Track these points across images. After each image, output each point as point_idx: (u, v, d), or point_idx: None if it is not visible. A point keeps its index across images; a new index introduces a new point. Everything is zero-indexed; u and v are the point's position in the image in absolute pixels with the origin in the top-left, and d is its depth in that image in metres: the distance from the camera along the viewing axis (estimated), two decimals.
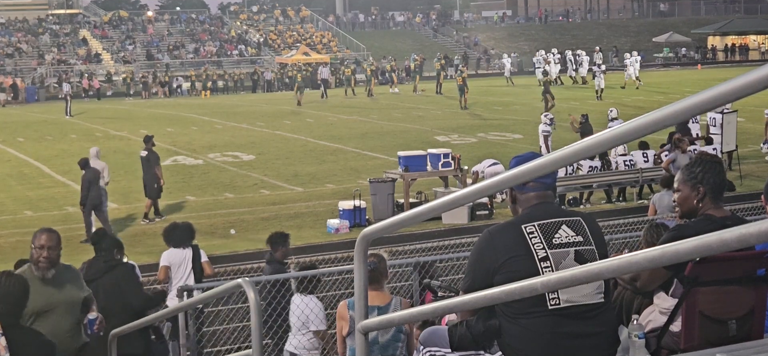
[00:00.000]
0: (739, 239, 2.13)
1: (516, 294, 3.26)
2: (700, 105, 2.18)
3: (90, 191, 17.45)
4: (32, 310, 6.40)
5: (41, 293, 6.61)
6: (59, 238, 6.83)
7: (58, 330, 6.60)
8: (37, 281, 6.58)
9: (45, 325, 6.48)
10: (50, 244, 6.75)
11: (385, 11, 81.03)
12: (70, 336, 6.82)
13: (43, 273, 6.69)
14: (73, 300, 6.87)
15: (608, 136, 2.50)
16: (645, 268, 3.79)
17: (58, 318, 6.74)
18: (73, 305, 6.89)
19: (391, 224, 4.00)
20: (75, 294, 6.92)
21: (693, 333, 3.95)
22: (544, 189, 4.12)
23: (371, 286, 6.46)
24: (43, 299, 6.63)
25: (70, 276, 7.01)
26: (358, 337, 4.11)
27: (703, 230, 2.40)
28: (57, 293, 6.77)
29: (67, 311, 6.81)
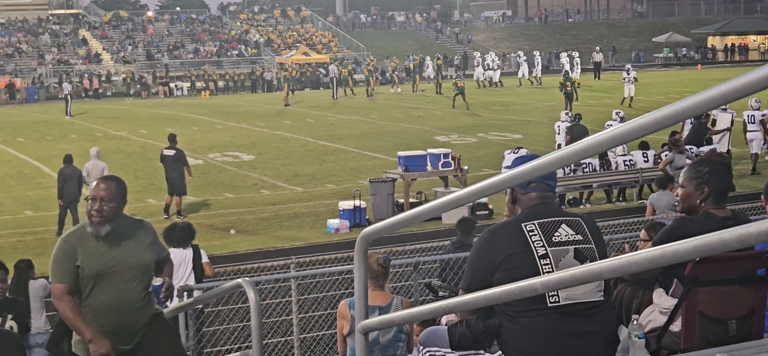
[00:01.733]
0: (740, 239, 2.13)
1: (516, 294, 3.27)
2: (700, 105, 2.18)
3: (65, 188, 17.86)
4: (88, 274, 5.50)
5: (96, 254, 5.55)
6: (120, 187, 5.66)
7: (121, 300, 5.60)
8: (90, 239, 5.56)
9: (104, 293, 5.57)
10: (104, 195, 5.55)
11: (385, 11, 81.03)
12: (138, 306, 5.70)
13: (97, 229, 5.54)
14: (138, 262, 5.67)
15: (608, 136, 2.50)
16: (646, 267, 3.79)
17: (120, 284, 5.61)
18: (140, 268, 5.70)
19: (391, 224, 4.00)
20: (141, 256, 5.71)
21: (693, 333, 3.95)
22: (546, 190, 4.14)
23: (373, 286, 6.48)
24: (97, 261, 5.55)
25: (137, 234, 5.78)
26: (358, 337, 4.11)
27: (704, 228, 2.41)
28: (116, 254, 5.61)
29: (132, 276, 5.65)
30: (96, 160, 18.25)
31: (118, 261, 5.60)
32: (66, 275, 5.51)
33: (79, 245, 5.56)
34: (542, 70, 54.71)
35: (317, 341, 11.55)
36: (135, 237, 5.73)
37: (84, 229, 5.63)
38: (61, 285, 5.52)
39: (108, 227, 5.56)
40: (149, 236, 5.84)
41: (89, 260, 5.51)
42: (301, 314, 11.48)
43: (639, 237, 6.27)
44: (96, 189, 5.57)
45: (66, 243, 5.58)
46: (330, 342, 11.21)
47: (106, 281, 5.57)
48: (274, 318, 11.39)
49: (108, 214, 5.56)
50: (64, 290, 5.51)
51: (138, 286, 5.68)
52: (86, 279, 5.53)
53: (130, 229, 5.74)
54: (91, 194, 5.56)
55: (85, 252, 5.52)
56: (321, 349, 11.41)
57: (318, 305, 11.68)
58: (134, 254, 5.67)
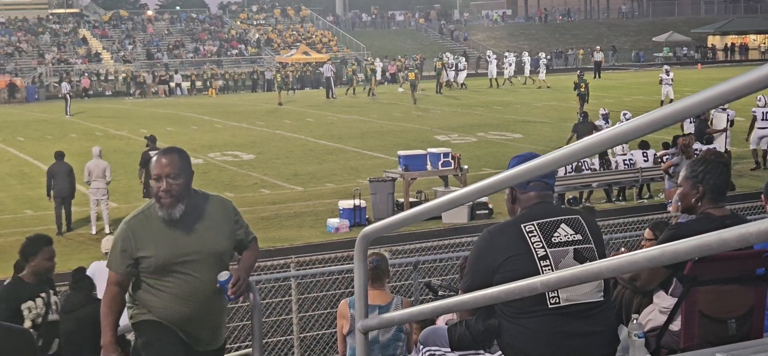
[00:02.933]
0: (739, 238, 2.13)
1: (516, 294, 3.27)
2: (700, 105, 2.18)
3: (55, 184, 18.09)
4: (159, 264, 4.76)
5: (167, 240, 4.75)
6: (183, 159, 4.81)
7: (197, 291, 4.81)
8: (159, 223, 4.75)
9: (178, 284, 4.80)
10: (169, 170, 4.69)
11: (384, 11, 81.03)
12: (214, 301, 4.91)
13: (169, 212, 4.71)
14: (217, 248, 4.85)
15: (608, 135, 2.50)
16: (645, 267, 3.80)
17: (197, 273, 4.81)
18: (217, 255, 4.87)
19: (391, 224, 4.01)
20: (221, 241, 4.88)
21: (692, 333, 3.96)
22: (546, 189, 4.14)
23: (372, 285, 6.48)
24: (169, 249, 4.76)
25: (215, 213, 4.89)
26: (358, 336, 4.11)
27: (702, 229, 2.41)
28: (193, 239, 4.79)
29: (210, 264, 4.83)
30: (98, 159, 18.29)
31: (194, 248, 4.79)
32: (120, 265, 4.82)
33: (142, 232, 4.77)
34: (532, 70, 54.58)
35: (317, 340, 11.55)
36: (212, 218, 4.86)
37: (151, 211, 4.79)
38: (112, 274, 4.88)
39: (181, 207, 4.72)
40: (229, 218, 4.96)
41: (158, 249, 4.74)
42: (301, 313, 11.47)
43: (643, 236, 6.27)
44: (158, 165, 4.71)
45: (126, 229, 4.82)
46: (330, 341, 11.20)
47: (181, 270, 4.79)
48: (274, 317, 11.38)
49: (178, 192, 4.69)
50: (113, 279, 4.87)
51: (213, 275, 4.89)
52: (155, 270, 4.78)
53: (204, 208, 4.86)
54: (153, 172, 4.71)
55: (152, 239, 4.74)
56: (321, 348, 11.41)
57: (318, 304, 11.68)
58: (212, 240, 4.84)
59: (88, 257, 14.35)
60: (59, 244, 17.33)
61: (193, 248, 4.79)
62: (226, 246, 4.92)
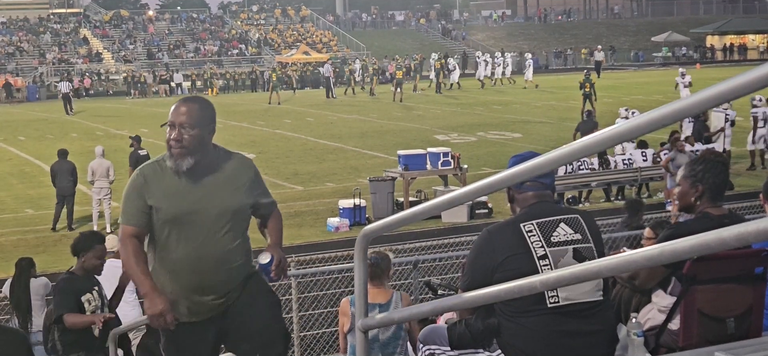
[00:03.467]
0: (738, 237, 2.14)
1: (515, 293, 3.28)
2: (700, 104, 2.20)
3: (56, 182, 18.30)
4: (163, 218, 4.41)
5: (174, 193, 4.41)
6: (204, 110, 4.49)
7: (204, 253, 4.44)
8: (168, 174, 4.44)
9: (183, 245, 4.43)
10: (184, 119, 4.37)
11: (385, 10, 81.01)
12: (226, 263, 4.50)
13: (177, 163, 4.40)
14: (226, 207, 4.47)
15: (607, 135, 2.51)
16: (644, 267, 3.81)
17: (202, 233, 4.44)
18: (228, 215, 4.48)
19: (391, 223, 4.01)
20: (232, 198, 4.50)
21: (691, 331, 3.97)
22: (543, 189, 4.14)
23: (373, 283, 6.50)
24: (176, 202, 4.41)
25: (229, 170, 4.54)
26: (358, 335, 4.12)
27: (700, 229, 2.42)
28: (200, 195, 4.43)
29: (218, 224, 4.46)
30: (101, 158, 18.31)
31: (201, 205, 4.42)
32: (134, 215, 4.43)
33: (153, 180, 4.44)
34: (516, 70, 54.53)
35: (317, 339, 11.56)
36: (226, 174, 4.52)
37: (163, 161, 4.48)
38: (128, 227, 4.45)
39: (190, 161, 4.38)
40: (246, 175, 4.59)
41: (165, 201, 4.40)
42: (301, 312, 11.49)
43: (643, 236, 6.28)
44: (175, 113, 4.40)
45: (138, 177, 4.47)
46: (330, 339, 11.22)
47: (186, 229, 4.42)
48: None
49: (190, 144, 4.36)
50: (129, 233, 4.44)
51: (226, 237, 4.48)
52: (161, 224, 4.43)
53: (220, 164, 4.52)
54: (169, 119, 4.43)
55: (160, 190, 4.41)
56: (321, 347, 11.42)
57: (318, 303, 11.69)
58: (222, 196, 4.47)
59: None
60: (60, 243, 17.37)
61: (203, 203, 4.42)
62: (241, 204, 4.52)
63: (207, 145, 4.48)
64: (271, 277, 4.55)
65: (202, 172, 4.46)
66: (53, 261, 15.57)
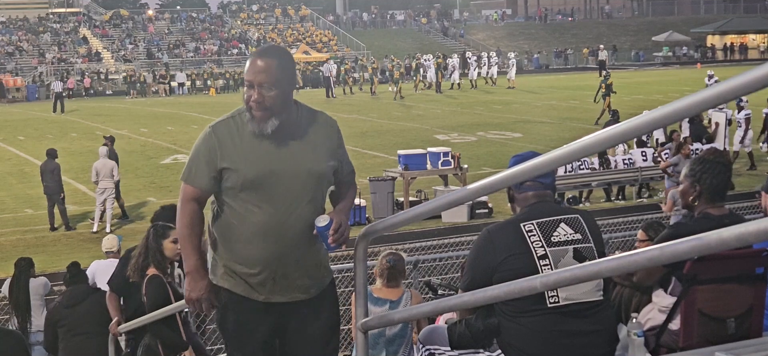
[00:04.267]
0: (738, 237, 2.14)
1: (515, 293, 3.28)
2: (700, 104, 2.19)
3: (43, 182, 18.31)
4: (243, 181, 3.92)
5: (255, 153, 3.93)
6: (283, 64, 3.93)
7: (286, 220, 3.95)
8: (249, 137, 3.95)
9: (263, 210, 3.94)
10: (263, 78, 3.87)
11: (385, 10, 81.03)
12: (308, 236, 3.99)
13: (260, 126, 3.91)
14: (312, 170, 3.99)
15: (607, 135, 2.51)
16: (644, 266, 3.81)
17: (285, 198, 3.95)
18: (314, 179, 4.00)
19: (391, 223, 4.01)
20: (317, 161, 4.01)
21: (692, 332, 3.96)
22: (543, 189, 4.14)
23: (388, 284, 6.63)
24: (257, 163, 3.92)
25: (312, 131, 4.05)
26: (358, 335, 4.12)
27: (700, 229, 2.41)
28: (284, 156, 3.96)
29: (302, 189, 3.97)
30: (105, 159, 18.30)
31: (285, 167, 3.95)
32: (199, 176, 3.97)
33: (228, 141, 3.95)
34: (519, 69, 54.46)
35: None
36: (310, 135, 4.04)
37: (241, 118, 3.98)
38: (189, 188, 3.99)
39: (275, 122, 3.91)
40: (331, 136, 4.10)
41: (244, 163, 3.91)
42: None
43: (637, 238, 6.26)
44: (251, 69, 3.90)
45: (210, 137, 3.97)
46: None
47: (268, 193, 3.93)
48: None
49: (273, 105, 3.88)
50: (190, 195, 3.99)
51: (309, 206, 3.99)
52: (237, 189, 3.94)
53: (304, 124, 4.04)
54: (246, 77, 3.93)
55: (237, 152, 3.93)
56: None
57: None
58: (307, 159, 3.99)
59: (88, 256, 14.34)
60: (59, 243, 17.38)
61: (286, 165, 3.94)
62: (326, 168, 4.04)
63: (290, 103, 3.97)
64: (329, 244, 3.94)
65: (286, 133, 3.96)
66: (52, 261, 15.57)
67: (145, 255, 6.72)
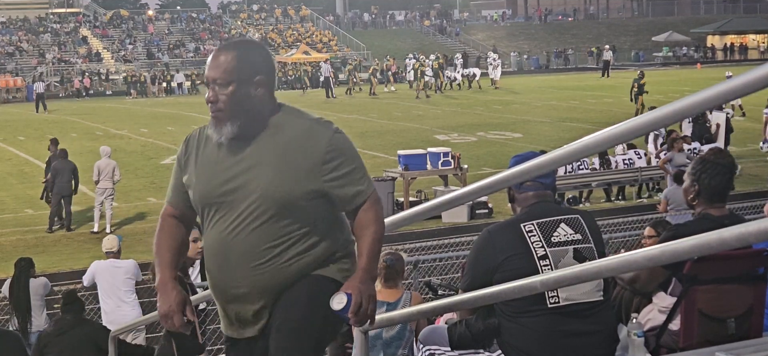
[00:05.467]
0: (739, 238, 2.14)
1: (515, 293, 3.28)
2: (700, 104, 2.19)
3: (56, 180, 18.01)
4: (196, 198, 3.42)
5: (210, 166, 3.39)
6: (246, 58, 3.33)
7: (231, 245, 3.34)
8: (211, 145, 3.42)
9: (213, 230, 3.38)
10: (216, 74, 3.31)
11: (385, 10, 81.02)
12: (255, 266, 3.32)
13: (215, 131, 3.35)
14: (269, 194, 3.27)
15: (607, 135, 2.50)
16: (644, 266, 3.81)
17: (232, 219, 3.32)
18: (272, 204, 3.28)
19: (391, 223, 4.01)
20: (279, 181, 3.28)
21: (692, 332, 3.96)
22: (543, 189, 4.14)
23: (386, 284, 6.57)
24: (208, 178, 3.38)
25: (289, 140, 3.32)
26: (357, 336, 4.11)
27: (700, 230, 2.42)
28: (239, 172, 3.32)
29: (256, 212, 3.29)
30: (107, 159, 18.28)
31: (236, 185, 3.32)
32: (170, 191, 3.57)
33: (193, 150, 3.47)
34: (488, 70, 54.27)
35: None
36: (281, 147, 3.32)
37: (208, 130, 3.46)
38: (166, 205, 3.59)
39: (230, 128, 3.31)
40: (311, 150, 3.30)
41: (196, 176, 3.42)
42: None
43: (643, 234, 6.26)
44: (208, 66, 3.36)
45: (181, 146, 3.54)
46: None
47: (219, 213, 3.36)
48: None
49: (228, 106, 3.30)
50: (164, 212, 3.59)
51: (265, 230, 3.30)
52: (195, 204, 3.46)
53: (282, 132, 3.33)
54: (205, 75, 3.38)
55: (195, 163, 3.43)
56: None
57: None
58: (265, 177, 3.29)
59: (88, 256, 14.35)
60: (59, 243, 17.38)
61: (240, 181, 3.31)
62: (294, 193, 3.27)
63: (255, 105, 3.32)
64: (349, 322, 3.30)
65: (247, 142, 3.33)
66: (53, 262, 15.57)
67: None
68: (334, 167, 3.33)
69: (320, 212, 3.38)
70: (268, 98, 3.36)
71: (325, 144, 3.32)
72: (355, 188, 3.41)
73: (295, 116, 3.40)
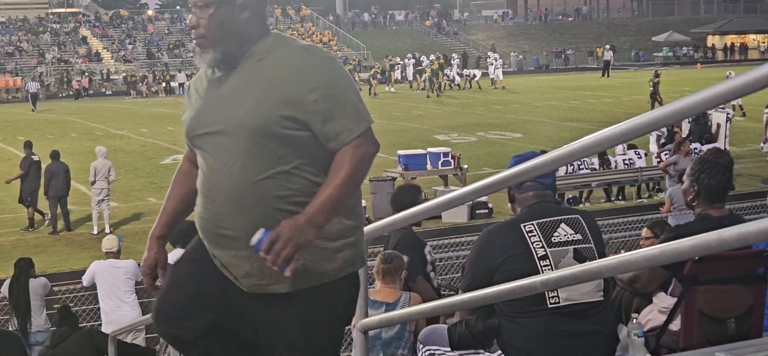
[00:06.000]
0: (739, 238, 2.13)
1: (515, 293, 3.27)
2: (700, 104, 2.19)
3: (51, 183, 17.86)
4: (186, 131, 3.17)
5: (196, 101, 3.17)
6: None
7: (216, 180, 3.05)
8: (203, 80, 3.19)
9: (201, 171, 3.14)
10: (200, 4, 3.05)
11: (384, 10, 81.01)
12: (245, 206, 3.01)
13: (199, 59, 3.12)
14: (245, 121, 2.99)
15: (607, 135, 2.50)
16: (644, 267, 3.81)
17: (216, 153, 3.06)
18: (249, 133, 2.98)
19: (391, 223, 4.01)
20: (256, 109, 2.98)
21: (692, 332, 3.96)
22: (543, 189, 4.13)
23: (384, 282, 6.55)
24: (192, 114, 3.17)
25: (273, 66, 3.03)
26: (357, 336, 4.11)
27: (701, 230, 2.41)
28: (219, 104, 3.08)
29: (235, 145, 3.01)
30: (103, 159, 18.26)
31: (217, 119, 3.06)
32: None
33: (194, 85, 3.26)
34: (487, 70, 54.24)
35: None
36: (264, 74, 3.03)
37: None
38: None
39: (211, 55, 3.07)
40: (295, 78, 2.99)
41: (188, 109, 3.20)
42: None
43: (641, 235, 6.26)
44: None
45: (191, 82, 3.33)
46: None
47: (204, 150, 3.10)
48: None
49: (209, 30, 3.06)
50: (184, 154, 3.38)
51: (248, 167, 2.99)
52: (187, 139, 3.21)
53: (268, 59, 3.05)
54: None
55: (191, 98, 3.22)
56: None
57: None
58: (242, 106, 3.01)
59: (88, 256, 14.34)
60: (59, 243, 17.38)
61: (221, 115, 3.05)
62: (266, 120, 2.96)
63: (239, 29, 3.07)
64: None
65: (232, 71, 3.09)
66: (52, 262, 15.57)
67: None
68: (317, 99, 2.96)
69: (309, 149, 3.00)
70: (255, 21, 3.08)
71: (311, 71, 2.99)
72: (339, 124, 2.98)
73: (284, 43, 3.10)
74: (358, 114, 3.01)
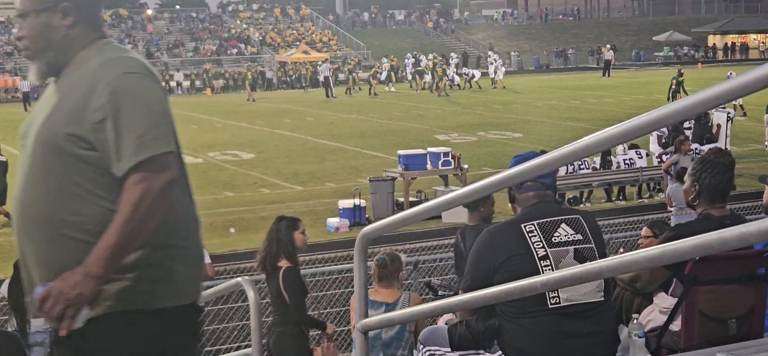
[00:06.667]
0: (739, 238, 2.12)
1: (516, 293, 3.26)
2: (700, 104, 2.18)
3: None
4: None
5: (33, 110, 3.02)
6: None
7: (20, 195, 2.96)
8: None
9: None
10: (19, 5, 2.95)
11: (384, 10, 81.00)
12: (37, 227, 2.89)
13: (31, 71, 2.98)
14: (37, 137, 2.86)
15: (607, 135, 2.49)
16: (645, 267, 3.80)
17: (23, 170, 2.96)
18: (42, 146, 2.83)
19: (391, 223, 4.00)
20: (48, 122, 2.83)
21: (693, 332, 3.95)
22: (543, 189, 4.13)
23: (381, 283, 6.55)
24: (25, 122, 3.05)
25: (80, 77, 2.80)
26: (357, 336, 4.10)
27: (701, 230, 2.40)
28: (32, 117, 2.99)
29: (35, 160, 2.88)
30: None
31: (26, 128, 2.98)
32: None
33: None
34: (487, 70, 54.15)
35: (316, 339, 11.55)
36: (75, 84, 2.80)
37: None
38: None
39: (37, 69, 2.93)
40: (87, 92, 2.75)
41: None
42: None
43: (641, 235, 6.25)
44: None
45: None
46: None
47: (19, 158, 3.01)
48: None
49: (29, 44, 2.91)
50: None
51: (40, 185, 2.82)
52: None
53: (82, 69, 2.82)
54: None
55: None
56: None
57: (317, 304, 11.68)
58: (39, 121, 2.86)
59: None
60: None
61: (28, 127, 2.95)
62: (53, 135, 2.76)
63: (61, 38, 2.85)
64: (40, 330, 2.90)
65: (53, 84, 2.93)
66: None
67: (276, 247, 7.01)
68: (102, 119, 2.67)
69: (102, 173, 2.72)
70: (81, 27, 2.86)
71: (102, 88, 2.71)
72: (121, 150, 2.66)
73: (100, 52, 2.83)
74: (140, 141, 2.68)
